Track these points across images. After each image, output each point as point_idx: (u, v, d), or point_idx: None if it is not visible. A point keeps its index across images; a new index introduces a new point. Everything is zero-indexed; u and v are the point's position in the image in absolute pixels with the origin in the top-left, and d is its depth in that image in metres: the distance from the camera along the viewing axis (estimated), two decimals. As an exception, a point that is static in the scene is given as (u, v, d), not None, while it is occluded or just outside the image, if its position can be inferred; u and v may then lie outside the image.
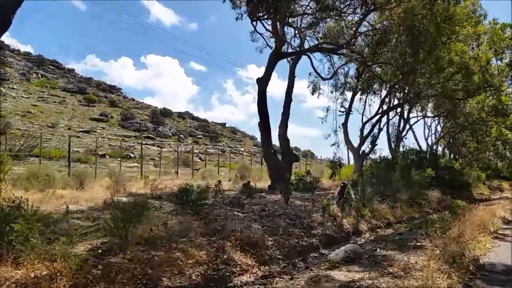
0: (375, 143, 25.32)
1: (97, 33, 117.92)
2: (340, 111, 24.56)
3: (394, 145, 28.23)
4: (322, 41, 19.33)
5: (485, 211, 12.85)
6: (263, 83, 17.44)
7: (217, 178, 23.56)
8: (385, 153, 27.99)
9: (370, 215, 11.91)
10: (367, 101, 26.44)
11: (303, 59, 20.37)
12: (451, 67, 21.18)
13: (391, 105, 27.17)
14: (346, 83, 23.20)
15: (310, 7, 18.06)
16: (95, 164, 23.13)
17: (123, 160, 29.69)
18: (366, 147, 24.90)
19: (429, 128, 40.00)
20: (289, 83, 18.79)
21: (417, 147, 30.84)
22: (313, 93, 23.17)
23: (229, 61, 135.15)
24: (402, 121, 30.11)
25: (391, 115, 29.07)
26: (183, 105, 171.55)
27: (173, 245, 6.38)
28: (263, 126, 17.43)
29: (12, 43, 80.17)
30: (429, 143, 38.59)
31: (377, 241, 9.01)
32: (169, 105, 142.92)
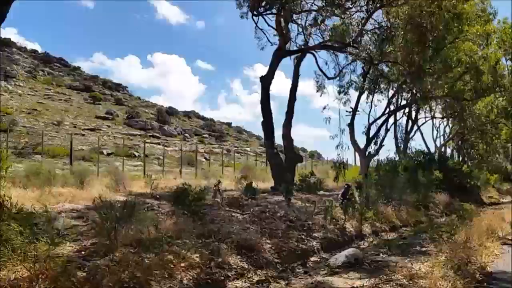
0: (381, 144, 24.88)
1: (104, 31, 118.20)
2: (347, 111, 24.13)
3: (401, 146, 27.79)
4: (327, 39, 19.00)
5: (493, 215, 12.48)
6: (266, 81, 17.19)
7: (221, 177, 23.41)
8: (392, 154, 27.59)
9: (374, 218, 11.55)
10: (373, 101, 25.94)
11: (309, 58, 19.99)
12: (460, 67, 20.71)
13: (398, 105, 26.73)
14: (351, 83, 22.74)
15: (315, 4, 17.82)
16: (98, 162, 23.01)
17: (128, 158, 29.55)
18: (372, 148, 24.42)
19: (438, 129, 39.28)
20: (293, 82, 18.48)
21: (425, 149, 30.32)
22: (318, 91, 22.74)
23: (236, 60, 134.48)
24: (409, 122, 29.68)
25: (399, 115, 28.67)
26: (189, 104, 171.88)
27: (165, 247, 6.12)
28: (267, 125, 17.18)
29: (19, 40, 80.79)
30: (438, 144, 38.00)
31: (380, 245, 8.68)
32: (176, 104, 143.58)
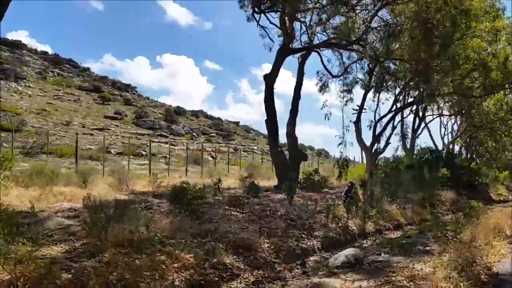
0: (388, 142, 24.55)
1: (114, 32, 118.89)
2: (353, 109, 23.81)
3: (408, 144, 27.39)
4: (332, 37, 18.73)
5: (501, 213, 12.16)
6: (270, 79, 17.00)
7: (226, 176, 23.26)
8: (399, 152, 27.22)
9: (378, 216, 11.31)
10: (380, 99, 25.55)
11: (314, 57, 19.76)
12: (468, 63, 20.23)
13: (405, 103, 26.31)
14: (357, 80, 22.39)
15: (319, 3, 17.56)
16: (104, 161, 23.03)
17: (135, 158, 29.60)
18: (379, 146, 24.08)
19: (445, 127, 38.68)
20: (298, 80, 18.30)
21: (432, 146, 29.85)
22: (320, 91, 22.43)
23: (244, 60, 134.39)
24: (417, 120, 29.22)
25: (406, 113, 28.25)
26: (197, 104, 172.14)
27: (158, 247, 5.97)
28: (271, 123, 17.00)
29: (30, 42, 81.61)
30: (445, 142, 37.45)
31: (383, 244, 8.45)
32: (184, 104, 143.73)
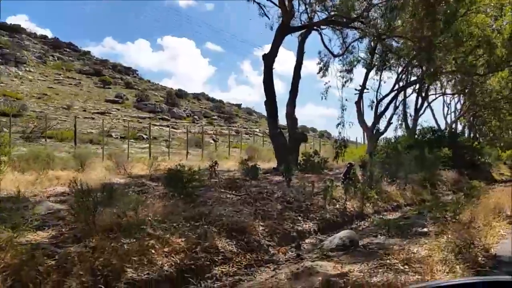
0: (389, 122, 24.27)
1: (114, 15, 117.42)
2: (355, 89, 23.49)
3: (410, 124, 27.08)
4: (332, 15, 18.29)
5: (502, 193, 11.95)
6: (269, 59, 16.64)
7: (226, 159, 23.15)
8: (401, 132, 26.94)
9: (377, 197, 11.17)
10: (382, 78, 25.10)
11: (314, 36, 19.36)
12: (472, 40, 19.73)
13: (408, 82, 25.87)
14: (358, 60, 21.99)
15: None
16: (103, 145, 22.94)
17: (136, 141, 29.51)
18: (380, 126, 23.78)
19: (448, 106, 38.20)
20: (298, 59, 17.96)
21: (435, 126, 29.49)
22: (320, 71, 22.09)
23: (246, 41, 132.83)
24: (419, 99, 28.80)
25: (408, 92, 27.82)
26: (199, 87, 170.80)
27: (148, 231, 5.85)
28: (270, 105, 16.74)
29: (29, 27, 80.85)
30: (448, 121, 37.08)
31: (379, 226, 8.31)
32: (186, 86, 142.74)
